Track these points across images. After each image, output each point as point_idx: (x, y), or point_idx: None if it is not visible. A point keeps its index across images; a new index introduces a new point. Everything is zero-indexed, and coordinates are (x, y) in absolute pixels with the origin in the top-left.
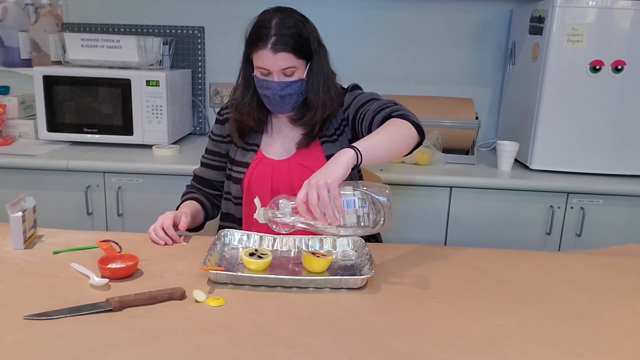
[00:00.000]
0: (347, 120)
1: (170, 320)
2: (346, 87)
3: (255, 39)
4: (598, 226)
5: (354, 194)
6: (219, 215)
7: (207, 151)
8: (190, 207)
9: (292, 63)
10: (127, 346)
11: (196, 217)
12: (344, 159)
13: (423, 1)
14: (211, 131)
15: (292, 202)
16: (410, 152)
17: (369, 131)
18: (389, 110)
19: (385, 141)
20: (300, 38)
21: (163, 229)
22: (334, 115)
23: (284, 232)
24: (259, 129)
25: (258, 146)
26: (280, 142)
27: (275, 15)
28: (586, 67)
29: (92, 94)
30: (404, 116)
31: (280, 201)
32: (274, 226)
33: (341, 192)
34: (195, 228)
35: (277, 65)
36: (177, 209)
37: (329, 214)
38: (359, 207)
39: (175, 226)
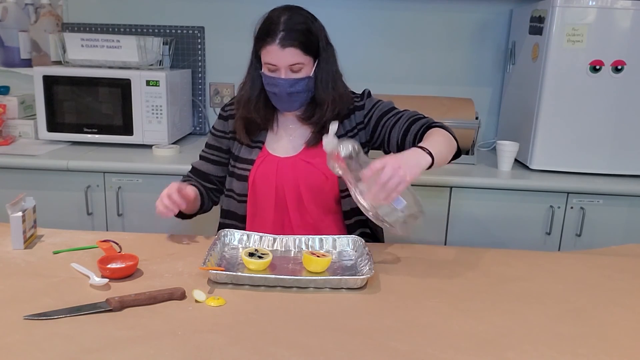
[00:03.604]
0: (365, 125)
1: (170, 320)
2: (353, 90)
3: (264, 34)
4: (598, 226)
5: (405, 196)
6: (220, 212)
7: (208, 145)
8: (192, 189)
9: (300, 59)
10: (127, 346)
11: (195, 200)
12: (424, 163)
13: (423, 1)
14: (212, 126)
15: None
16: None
17: (403, 139)
18: (426, 121)
19: (444, 150)
20: (310, 34)
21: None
22: (345, 115)
23: (336, 166)
24: (266, 126)
25: (263, 143)
26: (286, 139)
27: (284, 12)
28: (586, 67)
29: (92, 94)
30: (444, 127)
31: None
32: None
33: None
34: (190, 216)
35: (285, 61)
36: None
37: (382, 196)
38: (403, 208)
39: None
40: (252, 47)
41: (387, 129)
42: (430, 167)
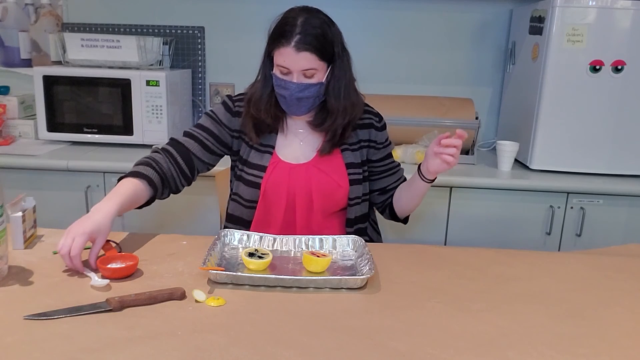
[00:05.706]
0: (376, 149)
1: (170, 320)
2: (366, 102)
3: (279, 35)
4: (598, 226)
5: None
6: (225, 216)
7: (201, 127)
8: (127, 195)
9: (314, 65)
10: (127, 346)
11: (134, 203)
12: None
13: (423, 1)
14: (212, 111)
15: None
16: (396, 220)
17: (392, 189)
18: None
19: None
20: (325, 39)
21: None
22: (361, 125)
23: None
24: (276, 126)
25: (273, 148)
26: (297, 144)
27: (301, 14)
28: (586, 67)
29: (92, 94)
30: None
31: None
32: None
33: None
34: (140, 205)
35: (298, 65)
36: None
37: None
38: None
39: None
40: (265, 46)
41: (385, 170)
42: (427, 182)
